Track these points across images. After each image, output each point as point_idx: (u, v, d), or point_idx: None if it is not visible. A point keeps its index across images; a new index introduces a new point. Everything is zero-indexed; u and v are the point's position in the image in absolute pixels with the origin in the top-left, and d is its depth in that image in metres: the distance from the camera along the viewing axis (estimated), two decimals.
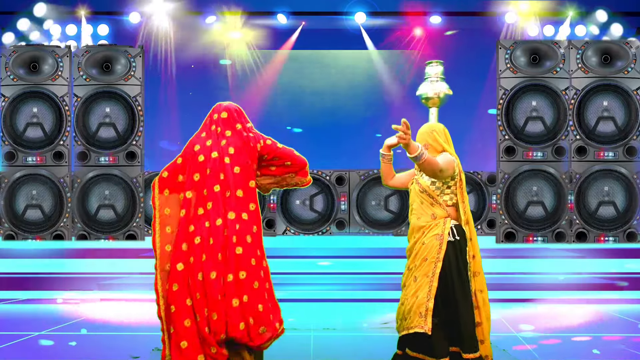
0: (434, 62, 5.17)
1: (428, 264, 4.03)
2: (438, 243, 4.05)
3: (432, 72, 5.13)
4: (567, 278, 6.77)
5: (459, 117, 9.96)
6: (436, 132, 4.22)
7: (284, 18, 10.00)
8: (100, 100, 8.01)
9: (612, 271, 6.88)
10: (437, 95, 5.09)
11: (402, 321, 4.08)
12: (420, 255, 4.07)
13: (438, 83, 5.08)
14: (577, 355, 4.67)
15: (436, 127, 4.27)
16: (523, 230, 7.73)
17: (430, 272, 4.02)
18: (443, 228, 4.06)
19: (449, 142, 4.23)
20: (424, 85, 5.13)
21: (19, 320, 5.76)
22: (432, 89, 5.08)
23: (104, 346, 4.89)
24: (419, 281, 4.03)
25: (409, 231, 4.25)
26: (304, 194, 8.79)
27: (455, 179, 4.13)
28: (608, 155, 7.70)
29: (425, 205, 4.15)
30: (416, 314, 4.00)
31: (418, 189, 4.20)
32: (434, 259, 4.03)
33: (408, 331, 4.00)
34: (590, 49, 7.78)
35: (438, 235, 4.06)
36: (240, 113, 4.03)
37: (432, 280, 4.00)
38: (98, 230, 7.93)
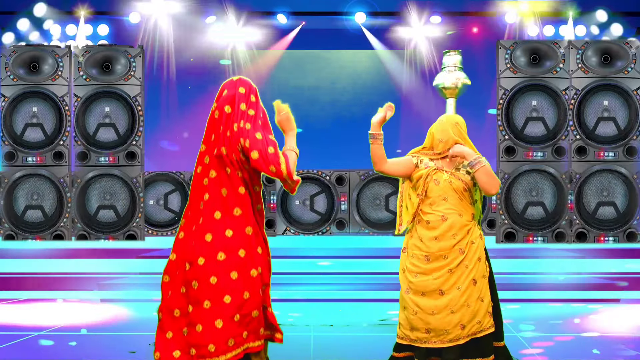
0: (451, 51, 5.03)
1: (482, 265, 3.89)
2: (483, 243, 3.92)
3: (450, 61, 4.99)
4: (567, 278, 6.76)
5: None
6: (460, 126, 3.99)
7: (284, 18, 10.00)
8: (100, 100, 8.01)
9: (612, 271, 6.88)
10: (455, 85, 4.96)
11: (462, 330, 3.81)
12: (474, 256, 3.86)
13: (456, 72, 4.93)
14: (577, 355, 4.67)
15: (459, 120, 4.04)
16: (523, 230, 7.73)
17: (485, 273, 3.92)
18: (480, 228, 3.94)
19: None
20: (441, 74, 4.99)
21: (19, 320, 5.76)
22: (450, 78, 4.92)
23: (104, 346, 4.89)
24: (479, 284, 3.88)
25: (443, 228, 3.83)
26: (304, 194, 8.79)
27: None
28: (608, 155, 7.70)
29: (465, 204, 3.88)
30: (486, 315, 3.90)
31: (460, 186, 3.87)
32: (485, 259, 3.93)
33: (476, 335, 3.83)
34: (590, 49, 7.78)
35: (481, 236, 3.92)
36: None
37: (488, 281, 3.95)
38: (98, 230, 7.93)
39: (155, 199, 8.61)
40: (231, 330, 3.25)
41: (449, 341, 3.79)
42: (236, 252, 3.31)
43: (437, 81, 4.98)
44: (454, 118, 4.06)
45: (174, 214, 8.62)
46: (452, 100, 4.95)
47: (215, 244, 3.33)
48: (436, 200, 3.87)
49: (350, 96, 10.48)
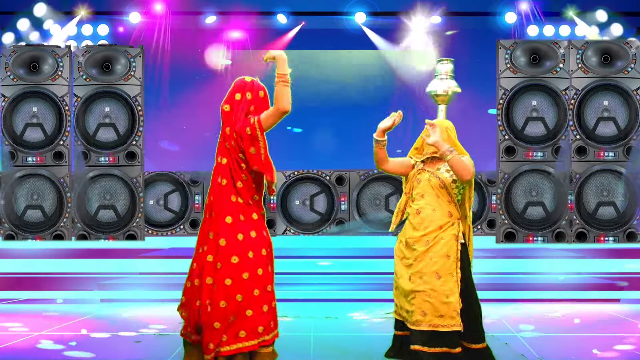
0: (444, 60, 5.22)
1: (451, 263, 4.09)
2: (456, 243, 4.14)
3: (443, 69, 5.19)
4: (567, 278, 6.77)
5: (459, 117, 9.97)
6: (449, 130, 4.30)
7: (284, 18, 10.00)
8: (100, 100, 8.01)
9: (612, 271, 6.88)
10: (446, 93, 5.15)
11: (423, 316, 4.07)
12: (441, 251, 4.10)
13: (447, 80, 5.14)
14: (577, 355, 4.67)
15: (449, 125, 4.35)
16: (523, 230, 7.73)
17: (454, 272, 4.10)
18: (458, 229, 4.17)
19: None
20: (434, 82, 5.18)
21: (19, 320, 5.76)
22: (442, 86, 5.13)
23: (104, 346, 4.89)
24: (444, 279, 4.07)
25: (415, 220, 4.22)
26: (304, 194, 8.79)
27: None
28: (608, 155, 7.70)
29: (443, 201, 4.19)
30: (454, 312, 4.07)
31: (437, 183, 4.22)
32: (456, 259, 4.11)
33: (437, 328, 4.04)
34: (590, 49, 7.78)
35: (455, 236, 4.15)
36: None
37: (458, 281, 4.09)
38: (98, 230, 7.93)
39: (155, 199, 8.61)
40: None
41: (411, 324, 4.12)
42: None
43: (430, 88, 5.21)
44: (443, 123, 4.37)
45: (174, 214, 8.62)
46: (443, 106, 5.14)
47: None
48: (416, 197, 4.27)
49: (350, 96, 10.48)
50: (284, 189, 8.64)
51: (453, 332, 4.06)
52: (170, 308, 6.10)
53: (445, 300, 4.05)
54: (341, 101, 10.49)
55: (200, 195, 8.59)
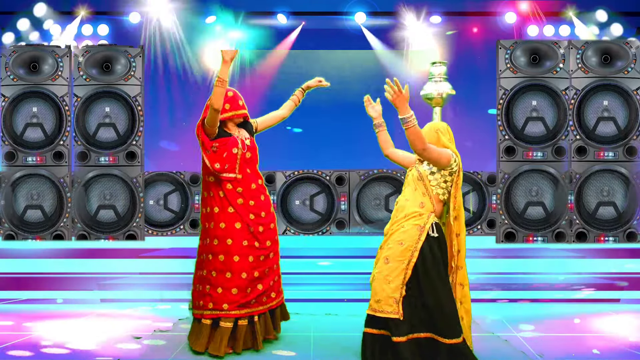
0: (437, 62, 5.24)
1: (403, 250, 4.16)
2: (418, 233, 4.18)
3: (436, 72, 5.21)
4: (567, 278, 6.77)
5: (459, 117, 9.97)
6: (440, 131, 4.35)
7: (284, 18, 9.99)
8: (100, 100, 8.01)
9: (612, 271, 6.88)
10: (440, 95, 5.20)
11: (374, 302, 4.25)
12: (397, 238, 4.21)
13: (441, 83, 5.17)
14: (577, 355, 4.67)
15: (440, 126, 4.39)
16: (523, 230, 7.74)
17: (405, 260, 4.16)
18: (426, 221, 4.19)
19: (452, 141, 4.34)
20: (428, 85, 5.22)
21: (19, 320, 5.76)
22: (436, 89, 5.17)
23: (104, 346, 4.89)
24: (391, 265, 4.18)
25: (393, 212, 4.39)
26: (304, 194, 8.79)
27: (453, 174, 4.21)
28: (608, 155, 7.70)
29: (418, 193, 4.27)
30: (390, 299, 4.15)
31: (416, 176, 4.33)
32: (412, 247, 4.17)
33: (382, 314, 4.18)
34: (590, 49, 7.78)
35: (419, 226, 4.19)
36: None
37: (407, 269, 4.15)
38: (98, 230, 7.93)
39: (155, 199, 8.61)
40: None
41: (372, 310, 4.29)
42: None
43: (424, 91, 5.25)
44: (435, 125, 4.42)
45: (174, 214, 8.62)
46: (438, 108, 5.19)
47: None
48: (402, 191, 4.46)
49: (350, 96, 10.47)
50: (284, 189, 8.64)
51: (390, 320, 4.15)
52: (171, 308, 6.11)
53: (384, 286, 4.16)
54: (341, 101, 10.47)
55: (200, 195, 8.59)
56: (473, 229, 8.61)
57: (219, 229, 4.65)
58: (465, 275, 4.35)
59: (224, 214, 4.64)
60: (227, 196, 4.67)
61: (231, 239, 4.60)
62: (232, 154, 4.70)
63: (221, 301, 4.55)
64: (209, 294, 4.59)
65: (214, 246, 4.66)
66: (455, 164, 4.23)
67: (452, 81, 5.98)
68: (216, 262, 4.60)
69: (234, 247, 4.59)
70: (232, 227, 4.61)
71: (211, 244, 4.68)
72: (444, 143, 4.29)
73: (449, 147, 4.29)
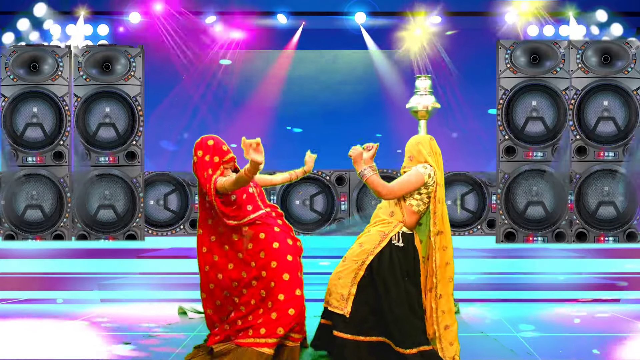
0: (422, 76, 5.28)
1: (361, 252, 4.25)
2: (379, 239, 4.24)
3: (421, 85, 5.24)
4: (567, 278, 6.77)
5: (459, 117, 9.98)
6: (421, 145, 4.40)
7: (284, 18, 10.00)
8: (100, 100, 8.01)
9: (612, 271, 6.88)
10: (425, 109, 5.22)
11: (327, 295, 4.40)
12: (360, 240, 4.33)
13: (426, 96, 5.21)
14: (577, 355, 4.67)
15: (422, 140, 4.44)
16: (523, 230, 7.74)
17: (359, 261, 4.24)
18: (391, 229, 4.23)
19: (434, 154, 4.37)
20: (413, 98, 5.26)
21: (19, 320, 5.76)
22: (421, 102, 5.19)
23: (104, 346, 4.89)
24: (346, 263, 4.30)
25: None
26: (304, 194, 8.79)
27: (429, 188, 4.23)
28: (608, 155, 7.71)
29: (391, 202, 4.34)
30: (338, 294, 4.26)
31: None
32: (368, 251, 4.24)
33: (330, 308, 4.31)
34: (590, 49, 7.78)
35: (383, 233, 4.25)
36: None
37: (359, 269, 4.23)
38: (98, 230, 7.93)
39: (155, 199, 8.61)
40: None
41: (326, 303, 4.45)
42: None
43: (410, 105, 5.28)
44: (417, 138, 4.47)
45: (174, 214, 8.62)
46: (423, 121, 5.20)
47: None
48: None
49: (350, 96, 10.48)
50: (284, 189, 8.64)
51: (335, 314, 4.24)
52: (171, 307, 6.11)
53: (335, 282, 4.31)
54: (342, 101, 10.49)
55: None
56: (473, 229, 8.61)
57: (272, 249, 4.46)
58: (451, 285, 4.31)
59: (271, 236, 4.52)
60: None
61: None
62: (249, 193, 4.57)
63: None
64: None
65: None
66: (431, 180, 4.24)
67: (452, 81, 5.99)
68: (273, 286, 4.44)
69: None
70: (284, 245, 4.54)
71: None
72: (424, 156, 4.34)
73: (428, 161, 4.31)
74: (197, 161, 4.47)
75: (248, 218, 4.45)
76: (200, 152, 4.51)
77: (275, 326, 4.27)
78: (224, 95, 10.27)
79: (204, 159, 4.47)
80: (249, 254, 4.41)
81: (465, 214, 8.67)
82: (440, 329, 4.23)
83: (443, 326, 4.23)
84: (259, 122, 10.04)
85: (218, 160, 4.48)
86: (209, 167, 4.43)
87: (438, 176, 4.28)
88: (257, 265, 4.38)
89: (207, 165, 4.43)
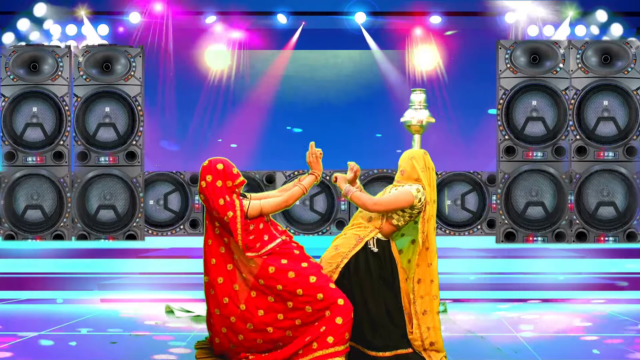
0: (417, 90, 5.29)
1: (335, 255, 4.22)
2: (354, 243, 4.20)
3: (416, 99, 5.25)
4: (567, 278, 6.77)
5: (459, 117, 9.97)
6: (415, 160, 4.34)
7: (284, 18, 9.99)
8: (100, 100, 8.01)
9: (612, 271, 6.88)
10: (419, 123, 5.22)
11: None
12: (335, 242, 4.30)
13: (421, 111, 5.22)
14: (577, 355, 4.67)
15: (415, 154, 4.39)
16: (523, 230, 7.74)
17: (334, 264, 4.20)
18: (367, 234, 4.21)
19: (428, 169, 4.32)
20: (408, 112, 5.27)
21: (19, 320, 5.76)
22: (415, 116, 5.21)
23: (104, 345, 4.89)
24: (321, 264, 4.25)
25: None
26: None
27: (414, 210, 4.16)
28: (608, 155, 7.71)
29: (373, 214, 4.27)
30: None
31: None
32: (343, 254, 4.20)
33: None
34: (590, 49, 7.78)
35: (358, 236, 4.22)
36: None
37: (333, 272, 4.18)
38: (98, 230, 7.93)
39: (155, 199, 8.61)
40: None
41: None
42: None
43: (404, 119, 5.28)
44: (411, 153, 4.43)
45: (174, 214, 8.62)
46: (417, 136, 5.21)
47: None
48: None
49: (350, 96, 10.48)
50: None
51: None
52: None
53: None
54: (342, 101, 10.48)
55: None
56: (473, 229, 8.61)
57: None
58: (436, 288, 4.26)
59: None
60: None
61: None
62: (265, 222, 4.23)
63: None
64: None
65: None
66: (419, 204, 4.18)
67: (453, 81, 6.00)
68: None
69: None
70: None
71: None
72: (417, 172, 4.28)
73: (420, 178, 4.25)
74: (206, 186, 4.12)
75: (267, 248, 4.11)
76: (210, 177, 4.15)
77: (343, 331, 3.95)
78: (224, 96, 10.26)
79: (215, 185, 4.12)
80: (279, 294, 4.04)
81: (465, 214, 8.67)
82: (426, 344, 4.19)
83: (428, 342, 4.19)
84: (259, 122, 10.03)
85: (231, 185, 4.12)
86: (225, 194, 4.07)
87: (428, 193, 4.20)
88: (295, 304, 4.03)
89: (220, 191, 4.08)
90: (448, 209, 8.58)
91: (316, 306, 3.98)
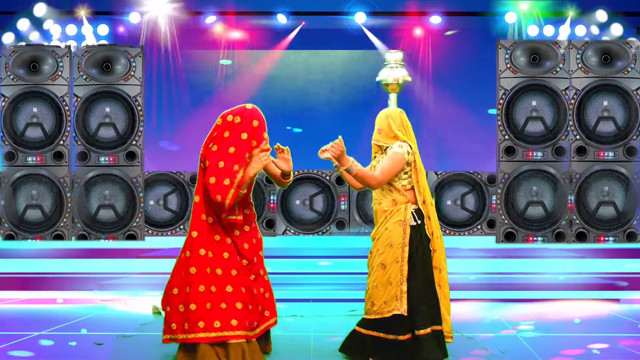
0: (393, 50, 5.21)
1: (395, 250, 4.17)
2: (402, 229, 4.19)
3: (392, 58, 5.18)
4: (567, 278, 6.77)
5: (459, 117, 9.97)
6: (391, 118, 4.33)
7: (284, 18, 10.00)
8: (100, 100, 8.01)
9: (612, 271, 6.88)
10: (396, 82, 5.17)
11: (371, 306, 4.24)
12: (385, 241, 4.22)
13: (397, 69, 5.15)
14: (577, 355, 4.68)
15: (391, 113, 4.37)
16: (523, 230, 7.74)
17: (399, 257, 4.17)
18: (405, 213, 4.22)
19: (405, 128, 4.34)
20: (383, 71, 5.19)
21: (19, 320, 5.76)
22: (392, 75, 5.14)
23: (103, 346, 4.89)
24: (389, 268, 4.18)
25: (374, 219, 4.38)
26: (304, 194, 8.79)
27: (410, 164, 4.21)
28: (608, 155, 7.71)
29: (385, 192, 4.27)
30: (393, 298, 4.15)
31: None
32: (400, 244, 4.18)
33: (383, 315, 4.16)
34: (590, 49, 7.78)
35: (401, 221, 4.20)
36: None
37: (402, 265, 4.15)
38: (98, 230, 7.93)
39: (155, 199, 8.61)
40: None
41: (364, 313, 4.29)
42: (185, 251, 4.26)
43: (380, 77, 5.21)
44: (387, 112, 4.40)
45: (174, 214, 8.62)
46: (394, 95, 5.15)
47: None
48: (373, 193, 4.39)
49: (350, 96, 10.48)
50: (284, 189, 8.64)
51: (396, 317, 4.13)
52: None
53: (388, 288, 4.16)
54: (342, 101, 10.49)
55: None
56: (473, 229, 8.61)
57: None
58: (445, 277, 4.33)
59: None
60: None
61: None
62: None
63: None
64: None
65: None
66: (410, 156, 4.23)
67: (453, 81, 5.98)
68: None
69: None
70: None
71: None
72: (393, 130, 4.28)
73: (398, 136, 4.26)
74: (228, 136, 3.95)
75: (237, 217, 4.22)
76: (239, 119, 4.03)
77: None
78: (224, 96, 10.25)
79: (240, 137, 3.93)
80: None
81: (465, 214, 8.67)
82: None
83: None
84: None
85: (255, 145, 3.95)
86: (236, 159, 3.91)
87: (413, 147, 4.26)
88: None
89: (241, 146, 3.91)
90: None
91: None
